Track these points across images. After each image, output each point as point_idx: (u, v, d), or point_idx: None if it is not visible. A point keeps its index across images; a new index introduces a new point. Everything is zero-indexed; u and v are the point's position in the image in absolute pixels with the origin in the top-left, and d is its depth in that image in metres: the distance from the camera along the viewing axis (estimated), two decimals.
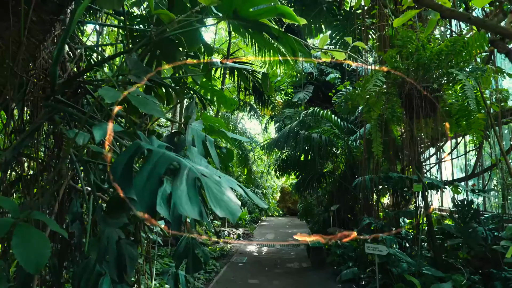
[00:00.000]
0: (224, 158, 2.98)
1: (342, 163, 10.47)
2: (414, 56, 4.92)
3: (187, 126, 1.83)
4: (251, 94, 10.19)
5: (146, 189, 0.96)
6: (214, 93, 3.75)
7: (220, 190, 1.01)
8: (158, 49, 2.67)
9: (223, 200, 0.97)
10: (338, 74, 10.27)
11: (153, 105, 1.25)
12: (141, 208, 0.94)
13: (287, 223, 16.43)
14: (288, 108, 11.10)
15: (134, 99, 1.22)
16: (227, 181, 1.52)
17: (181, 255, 2.16)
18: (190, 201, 0.92)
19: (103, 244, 1.53)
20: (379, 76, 4.64)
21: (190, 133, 1.78)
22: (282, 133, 8.99)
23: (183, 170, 1.01)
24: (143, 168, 0.99)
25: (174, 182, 0.95)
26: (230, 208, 0.96)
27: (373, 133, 5.36)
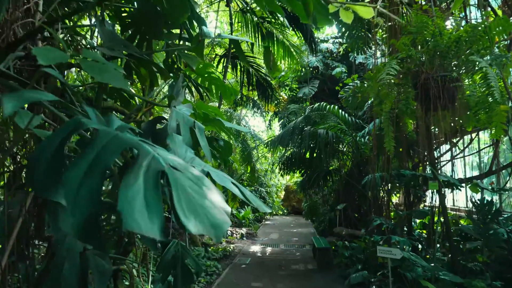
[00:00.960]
0: (222, 152, 2.63)
1: (349, 161, 10.10)
2: (430, 43, 4.54)
3: (171, 109, 1.48)
4: (255, 90, 9.81)
5: (84, 190, 0.61)
6: (212, 81, 3.40)
7: (199, 191, 0.66)
8: (143, 24, 2.32)
9: (202, 206, 0.62)
10: (344, 68, 9.88)
11: (113, 73, 0.90)
12: (73, 220, 0.59)
13: (291, 222, 16.07)
14: (292, 104, 10.73)
15: (85, 64, 0.88)
16: (217, 177, 1.17)
17: (167, 266, 1.81)
18: (148, 208, 0.57)
19: (59, 257, 1.19)
20: (393, 64, 4.26)
21: (174, 118, 1.43)
22: (287, 129, 8.62)
23: (142, 159, 0.66)
24: (81, 157, 0.65)
25: (125, 178, 0.60)
26: (213, 218, 0.61)
27: (385, 127, 4.99)
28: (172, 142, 1.23)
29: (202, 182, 0.71)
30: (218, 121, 2.26)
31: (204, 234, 0.59)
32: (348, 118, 7.83)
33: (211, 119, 2.34)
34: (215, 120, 2.31)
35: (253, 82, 9.63)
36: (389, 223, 5.38)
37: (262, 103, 10.45)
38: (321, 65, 10.37)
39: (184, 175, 0.67)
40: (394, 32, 6.36)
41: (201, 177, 0.73)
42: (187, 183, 0.65)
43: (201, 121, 2.41)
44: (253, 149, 12.69)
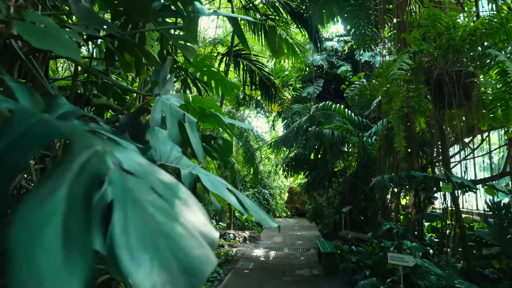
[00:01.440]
0: (221, 152, 2.38)
1: (354, 162, 9.82)
2: (443, 37, 4.27)
3: (154, 98, 1.23)
4: (258, 89, 9.56)
5: None
6: (211, 75, 3.14)
7: (165, 210, 0.41)
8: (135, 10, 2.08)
9: (168, 235, 0.37)
10: (349, 67, 9.61)
11: (59, 39, 0.65)
12: None
13: (295, 225, 15.79)
14: (296, 103, 10.46)
15: (21, 26, 0.63)
16: (209, 182, 0.93)
17: None
18: (66, 244, 0.32)
19: None
20: (405, 58, 3.99)
21: (158, 109, 1.18)
22: (291, 129, 8.35)
23: (74, 155, 0.40)
24: None
25: (33, 189, 0.35)
26: (185, 257, 0.36)
27: (395, 126, 4.71)
28: (154, 137, 0.98)
29: (174, 193, 0.46)
30: (216, 116, 2.01)
31: (167, 285, 0.33)
32: (355, 117, 7.56)
33: (208, 115, 2.09)
34: (213, 115, 2.06)
35: (256, 81, 9.39)
36: (400, 227, 5.10)
37: (265, 103, 10.20)
38: (326, 64, 10.10)
39: (142, 184, 0.42)
40: (402, 28, 6.10)
41: (174, 186, 0.48)
42: (146, 197, 0.40)
43: (197, 116, 2.16)
44: (256, 150, 12.45)
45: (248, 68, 9.17)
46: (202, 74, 3.16)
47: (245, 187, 14.74)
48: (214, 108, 2.26)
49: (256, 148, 12.65)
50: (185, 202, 0.46)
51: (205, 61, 2.97)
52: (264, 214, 0.91)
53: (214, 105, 2.28)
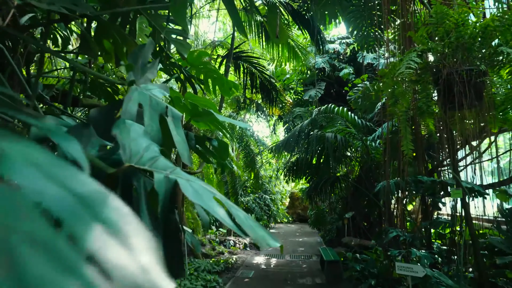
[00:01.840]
0: (216, 155, 2.17)
1: (357, 166, 9.59)
2: (452, 34, 4.07)
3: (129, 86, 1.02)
4: (258, 92, 9.37)
5: None
6: (208, 73, 2.94)
7: (59, 251, 0.20)
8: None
9: None
10: (351, 70, 9.42)
11: None
12: None
13: (297, 231, 15.52)
14: (298, 107, 10.27)
15: None
16: (190, 190, 0.72)
17: None
18: None
19: None
20: (413, 56, 3.79)
21: (135, 99, 0.98)
22: (292, 133, 8.14)
23: None
24: None
25: None
26: None
27: (402, 128, 4.51)
28: (122, 132, 0.78)
29: (94, 214, 0.25)
30: (210, 114, 1.81)
31: None
32: (358, 120, 7.35)
33: (201, 112, 1.89)
34: (207, 113, 1.86)
35: (256, 84, 9.21)
36: (407, 235, 4.87)
37: (266, 107, 10.01)
38: (328, 67, 9.91)
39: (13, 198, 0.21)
40: (407, 28, 5.92)
41: (96, 200, 0.26)
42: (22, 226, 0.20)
43: (189, 115, 1.96)
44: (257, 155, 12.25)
45: (248, 70, 9.00)
46: (198, 72, 2.95)
47: (245, 192, 14.50)
48: (208, 106, 2.05)
49: (257, 152, 12.44)
50: (114, 228, 0.25)
51: (202, 58, 2.77)
52: (262, 230, 0.70)
53: (209, 103, 2.07)
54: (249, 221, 0.72)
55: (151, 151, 0.87)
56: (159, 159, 0.85)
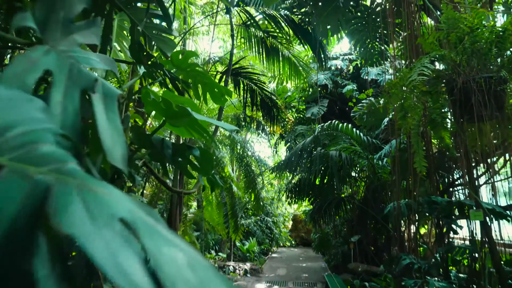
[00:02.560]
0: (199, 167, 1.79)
1: (362, 187, 9.14)
2: (467, 40, 3.73)
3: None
4: (259, 110, 9.05)
5: None
6: (197, 77, 2.56)
7: None
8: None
9: None
10: (355, 86, 9.13)
11: None
12: None
13: (300, 255, 14.87)
14: (300, 125, 9.93)
15: None
16: (73, 210, 0.34)
17: None
18: None
19: None
20: (426, 62, 3.44)
21: (39, 62, 0.60)
22: (294, 151, 7.75)
23: None
24: None
25: None
26: None
27: (414, 143, 4.11)
28: None
29: None
30: (186, 113, 1.43)
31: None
32: (364, 138, 6.96)
33: (177, 112, 1.51)
34: (182, 113, 1.48)
35: (257, 102, 8.90)
36: (422, 262, 4.39)
37: (267, 124, 9.67)
38: (330, 83, 9.63)
39: None
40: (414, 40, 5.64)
41: None
42: None
43: (162, 115, 1.58)
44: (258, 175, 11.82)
45: (248, 87, 8.71)
46: (186, 76, 2.57)
47: (247, 215, 13.98)
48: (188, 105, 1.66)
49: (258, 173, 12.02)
50: None
51: (189, 59, 2.41)
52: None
53: (188, 101, 1.70)
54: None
55: (33, 134, 0.48)
56: (40, 147, 0.46)
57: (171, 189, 4.30)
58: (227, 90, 2.48)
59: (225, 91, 2.45)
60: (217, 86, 2.45)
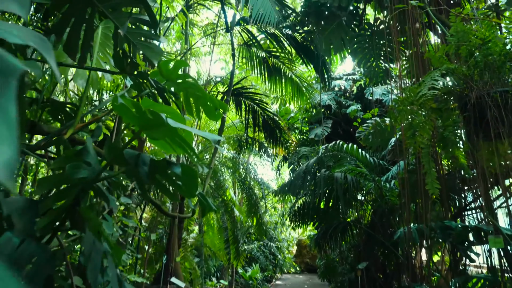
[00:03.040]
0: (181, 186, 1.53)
1: (369, 211, 8.77)
2: (479, 53, 3.52)
3: None
4: (261, 131, 8.84)
5: None
6: (189, 90, 2.34)
7: None
8: None
9: None
10: (359, 106, 8.93)
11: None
12: None
13: (305, 282, 14.29)
14: (303, 146, 9.69)
15: None
16: None
17: None
18: None
19: None
20: (436, 76, 3.21)
21: None
22: (297, 173, 7.46)
23: None
24: None
25: None
26: None
27: (425, 163, 3.84)
28: None
29: None
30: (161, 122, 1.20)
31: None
32: (370, 159, 6.68)
33: (151, 121, 1.28)
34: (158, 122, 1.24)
35: (259, 123, 8.72)
36: None
37: (270, 146, 9.44)
38: (334, 104, 9.45)
39: None
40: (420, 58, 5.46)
41: None
42: None
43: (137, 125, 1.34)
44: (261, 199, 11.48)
45: (250, 108, 8.54)
46: (177, 88, 2.35)
47: (250, 240, 13.53)
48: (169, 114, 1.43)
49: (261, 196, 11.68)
50: None
51: (179, 69, 2.18)
52: None
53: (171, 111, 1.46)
54: None
55: None
56: None
57: (165, 213, 4.02)
58: (222, 103, 2.24)
59: (219, 104, 2.20)
60: (210, 99, 2.21)
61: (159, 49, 2.10)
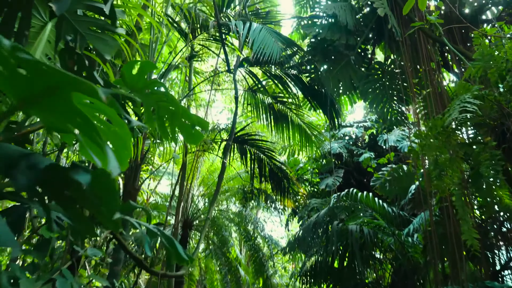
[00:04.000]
0: (94, 206, 0.92)
1: (389, 270, 7.79)
2: (509, 77, 3.02)
3: None
4: (268, 181, 8.25)
5: None
6: (160, 103, 1.80)
7: None
8: None
9: None
10: (372, 154, 8.36)
11: None
12: None
13: None
14: (314, 198, 8.99)
15: None
16: None
17: None
18: None
19: None
20: (468, 98, 2.68)
21: None
22: (307, 226, 6.71)
23: None
24: None
25: None
26: None
27: (458, 208, 3.17)
28: None
29: None
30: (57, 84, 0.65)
31: None
32: (388, 209, 5.96)
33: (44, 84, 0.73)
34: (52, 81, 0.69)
35: (265, 173, 8.15)
36: None
37: (278, 198, 8.78)
38: (345, 152, 8.91)
39: None
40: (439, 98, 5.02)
41: None
42: None
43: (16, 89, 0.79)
44: (269, 258, 10.53)
45: (256, 156, 8.03)
46: (146, 101, 1.81)
47: None
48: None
49: (269, 255, 10.72)
50: None
51: (146, 74, 1.67)
52: None
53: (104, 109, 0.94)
54: None
55: None
56: None
57: (149, 270, 3.34)
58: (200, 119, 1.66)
59: (197, 120, 1.64)
60: (186, 114, 1.65)
61: (114, 43, 1.63)
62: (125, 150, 0.99)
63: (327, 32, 5.03)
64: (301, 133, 8.03)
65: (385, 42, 5.87)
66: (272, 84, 6.96)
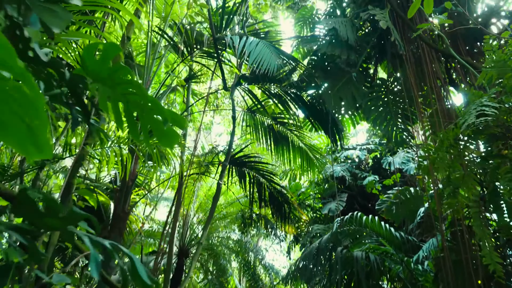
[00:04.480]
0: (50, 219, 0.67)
1: None
2: None
3: None
4: (267, 206, 7.88)
5: None
6: (129, 98, 1.51)
7: None
8: None
9: None
10: (376, 177, 8.03)
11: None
12: None
13: None
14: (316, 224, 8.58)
15: None
16: None
17: None
18: None
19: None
20: (486, 101, 2.42)
21: None
22: (309, 252, 6.29)
23: None
24: None
25: None
26: None
27: (476, 229, 2.84)
28: None
29: None
30: None
31: None
32: (396, 234, 5.57)
33: None
34: None
35: (265, 197, 7.81)
36: None
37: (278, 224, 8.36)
38: (348, 175, 8.58)
39: None
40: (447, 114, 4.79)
41: None
42: None
43: None
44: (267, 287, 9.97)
45: (255, 180, 7.71)
46: (112, 93, 1.52)
47: None
48: None
49: (269, 286, 10.17)
50: None
51: (111, 59, 1.40)
52: None
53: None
54: None
55: None
56: None
57: None
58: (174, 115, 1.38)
59: (170, 115, 1.36)
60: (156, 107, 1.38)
61: (65, 15, 1.38)
62: (38, 121, 0.72)
63: (328, 47, 4.86)
64: (302, 155, 7.75)
65: (387, 60, 5.70)
66: (271, 104, 6.76)
